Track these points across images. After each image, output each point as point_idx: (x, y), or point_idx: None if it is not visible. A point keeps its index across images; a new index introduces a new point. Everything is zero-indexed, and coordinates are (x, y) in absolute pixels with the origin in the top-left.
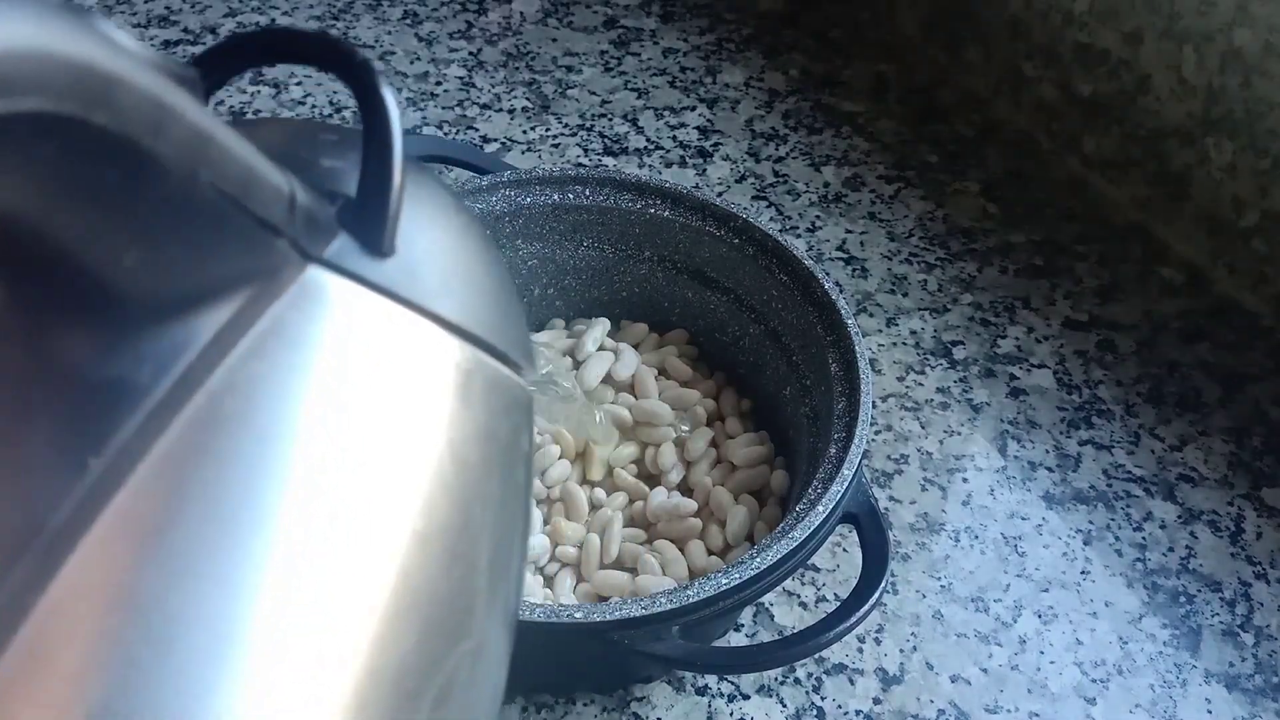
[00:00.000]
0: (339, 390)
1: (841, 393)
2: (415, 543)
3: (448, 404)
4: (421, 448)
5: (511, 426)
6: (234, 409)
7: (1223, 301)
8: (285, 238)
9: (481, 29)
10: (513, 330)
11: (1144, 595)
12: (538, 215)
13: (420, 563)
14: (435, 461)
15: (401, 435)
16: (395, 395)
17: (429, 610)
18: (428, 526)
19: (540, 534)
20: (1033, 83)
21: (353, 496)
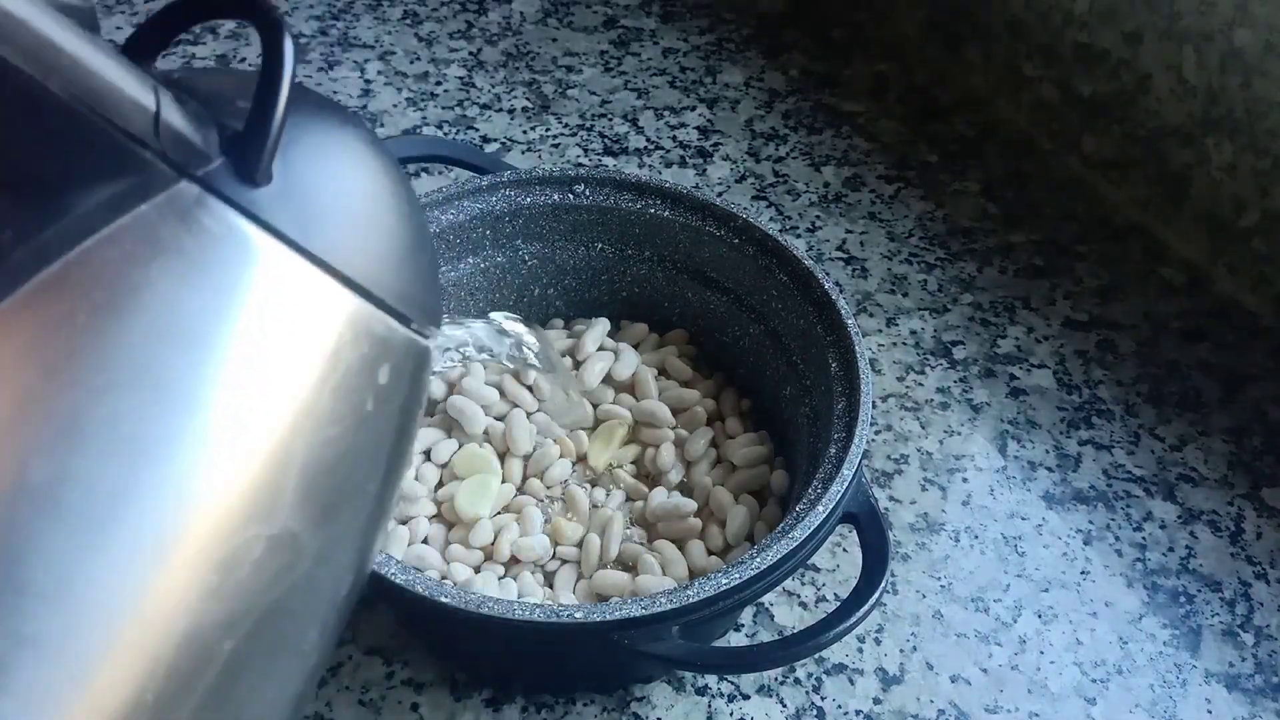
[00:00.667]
0: (184, 290)
1: (841, 393)
2: (220, 437)
3: (294, 329)
4: (253, 359)
5: (365, 365)
6: (83, 279)
7: (1223, 301)
8: (151, 150)
9: (481, 29)
10: (407, 284)
11: (1144, 595)
12: (538, 215)
13: (221, 455)
14: (263, 376)
15: (233, 342)
16: (239, 308)
17: (226, 500)
18: (223, 429)
19: (541, 533)
20: (1033, 83)
21: (174, 381)
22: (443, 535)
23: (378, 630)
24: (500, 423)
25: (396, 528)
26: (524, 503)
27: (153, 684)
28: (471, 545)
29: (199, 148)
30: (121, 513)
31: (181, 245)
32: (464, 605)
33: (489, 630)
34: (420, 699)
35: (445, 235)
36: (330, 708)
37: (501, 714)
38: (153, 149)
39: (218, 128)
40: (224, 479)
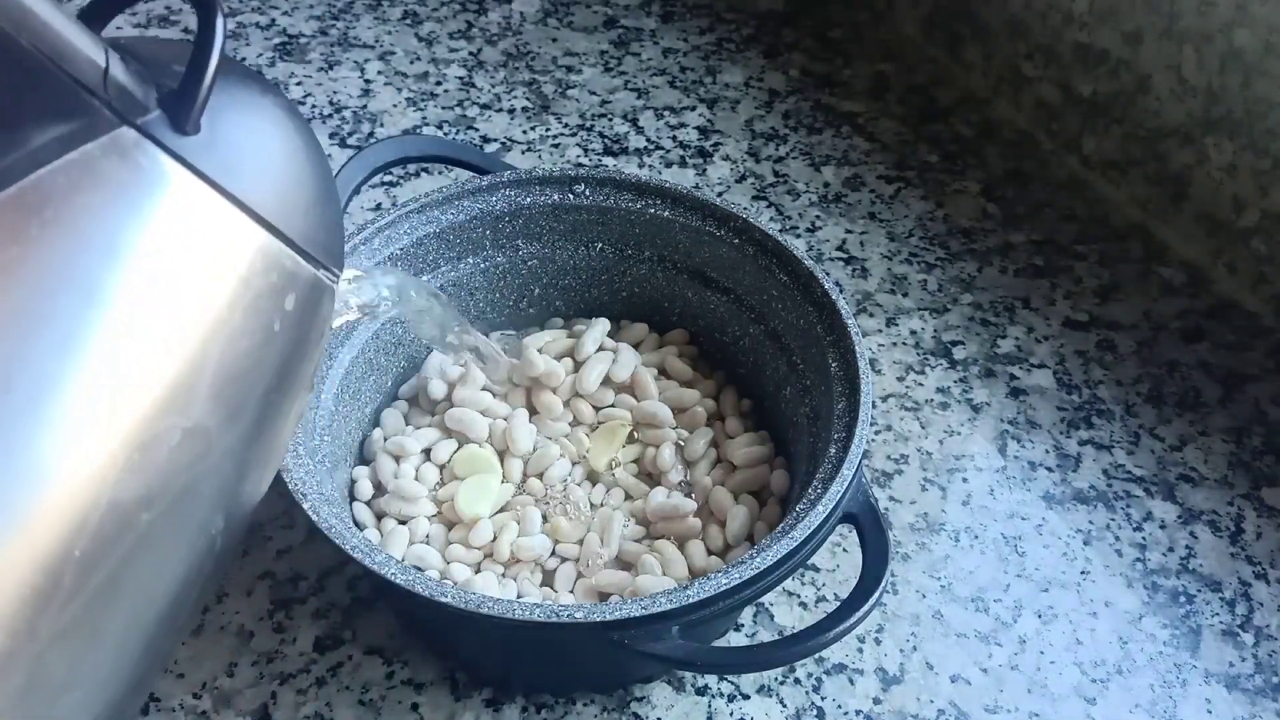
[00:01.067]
0: (121, 215)
1: (841, 393)
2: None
3: (212, 255)
4: (177, 276)
5: (273, 291)
6: (36, 201)
7: (1223, 301)
8: (99, 99)
9: (481, 29)
10: (313, 228)
11: (1144, 595)
12: (538, 215)
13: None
14: (184, 290)
15: (160, 260)
16: (166, 234)
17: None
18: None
19: (540, 533)
20: (1033, 83)
21: (107, 287)
22: (443, 535)
23: (378, 630)
24: (502, 422)
25: (396, 527)
26: (524, 502)
27: (79, 542)
28: (471, 545)
29: (139, 100)
30: (57, 393)
31: (120, 179)
32: (464, 605)
33: (489, 630)
34: (420, 699)
35: (445, 235)
36: (330, 708)
37: (501, 714)
38: (100, 98)
39: (156, 86)
40: (146, 373)
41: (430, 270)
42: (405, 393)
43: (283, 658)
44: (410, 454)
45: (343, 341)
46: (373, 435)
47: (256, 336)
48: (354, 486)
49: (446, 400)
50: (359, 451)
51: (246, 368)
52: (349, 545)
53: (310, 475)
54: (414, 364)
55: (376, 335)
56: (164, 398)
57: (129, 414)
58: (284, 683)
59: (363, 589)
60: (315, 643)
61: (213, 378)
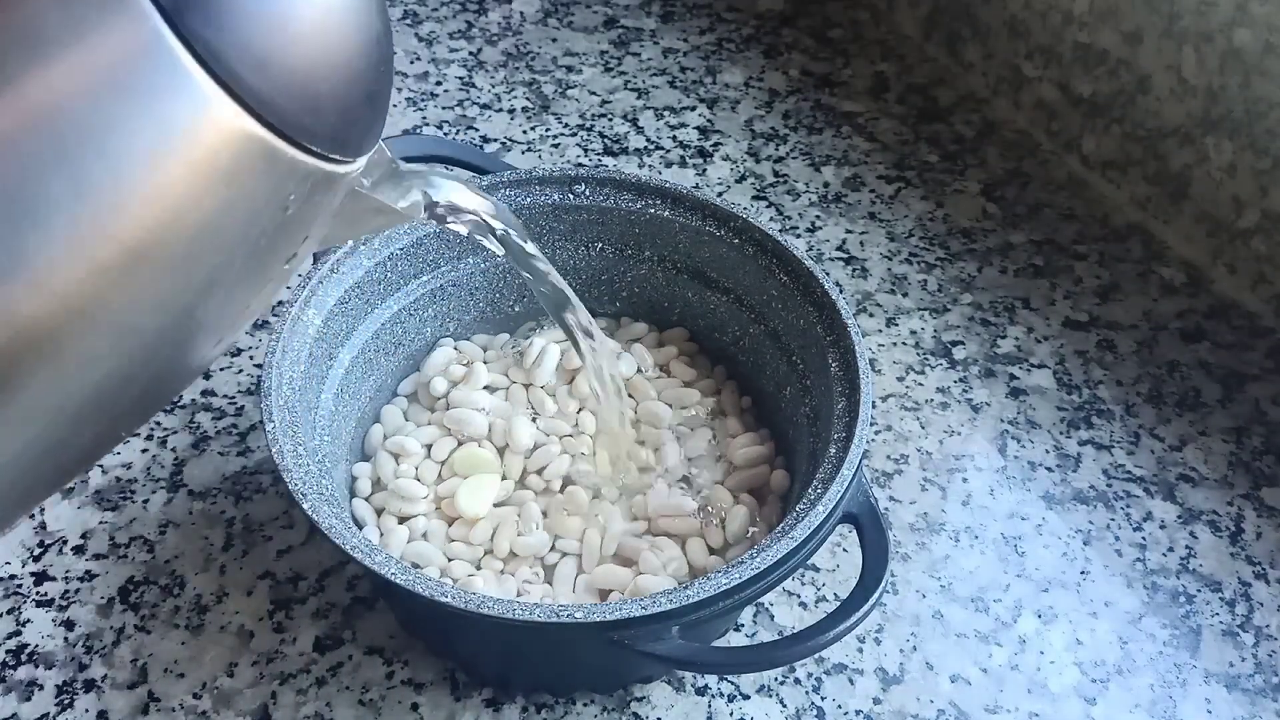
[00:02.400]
0: (81, 61)
1: (841, 393)
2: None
3: (163, 119)
4: (119, 135)
5: (240, 170)
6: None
7: (1223, 301)
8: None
9: (481, 29)
10: (312, 109)
11: (1144, 595)
12: (538, 215)
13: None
14: (128, 155)
15: (104, 112)
16: (124, 90)
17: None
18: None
19: (540, 530)
20: (1032, 83)
21: (95, 125)
22: (442, 532)
23: (378, 630)
24: (501, 421)
25: (396, 525)
26: (524, 499)
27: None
28: (471, 542)
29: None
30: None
31: (90, 21)
32: (464, 605)
33: (489, 630)
34: (420, 699)
35: (445, 235)
36: (330, 708)
37: (501, 714)
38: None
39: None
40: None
41: (430, 270)
42: (405, 389)
43: (283, 658)
44: (410, 452)
45: (343, 341)
46: (372, 431)
47: (215, 207)
48: (354, 483)
49: (446, 397)
50: (359, 447)
51: (200, 233)
52: (349, 545)
53: (310, 475)
54: (414, 363)
55: (377, 335)
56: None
57: (118, 217)
58: (284, 683)
59: (363, 589)
60: (315, 643)
61: (161, 231)
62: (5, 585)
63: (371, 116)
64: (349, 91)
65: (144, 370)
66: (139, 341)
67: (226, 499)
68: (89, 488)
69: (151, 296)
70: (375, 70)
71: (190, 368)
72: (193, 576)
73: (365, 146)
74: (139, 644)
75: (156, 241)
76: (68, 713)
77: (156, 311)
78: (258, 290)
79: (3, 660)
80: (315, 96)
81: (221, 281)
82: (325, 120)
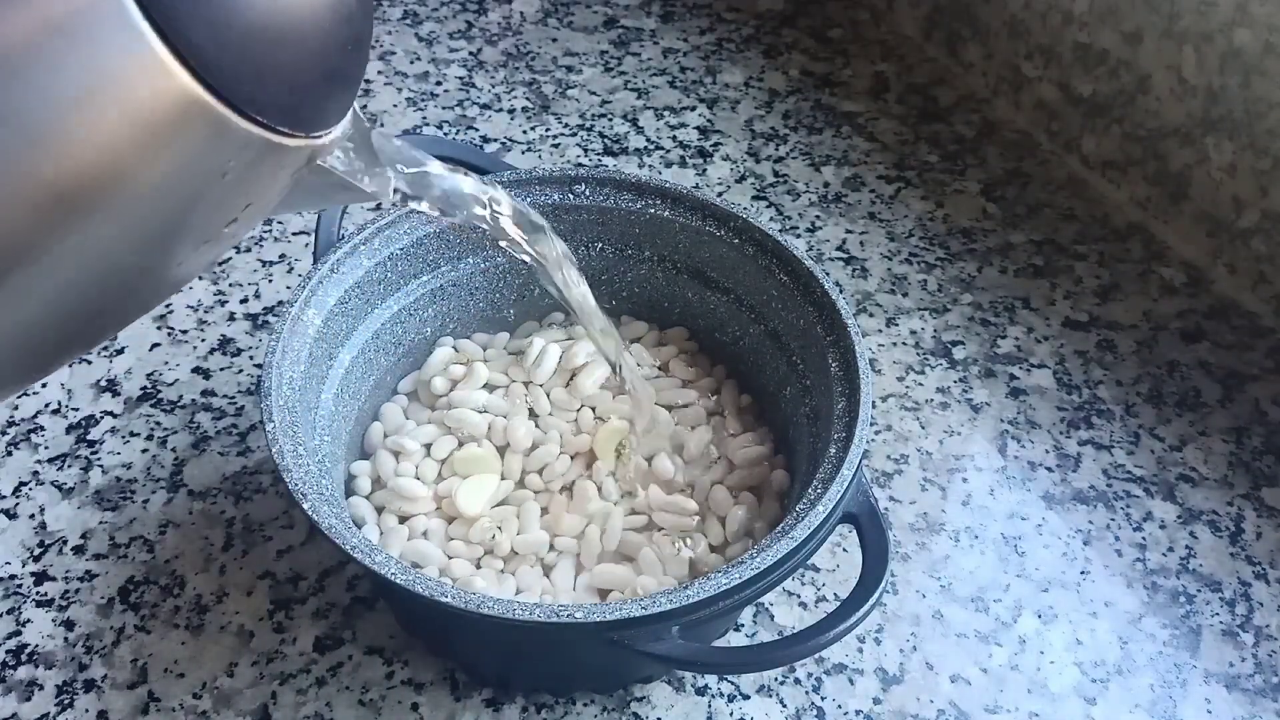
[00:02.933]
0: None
1: (841, 393)
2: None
3: (104, 67)
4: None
5: (167, 125)
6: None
7: (1223, 301)
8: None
9: (481, 29)
10: (262, 81)
11: (1144, 595)
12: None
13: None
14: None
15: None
16: (66, 32)
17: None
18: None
19: (540, 528)
20: (1033, 83)
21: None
22: (442, 531)
23: (378, 630)
24: (501, 420)
25: (395, 524)
26: (523, 497)
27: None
28: (471, 541)
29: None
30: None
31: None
32: (464, 605)
33: (489, 629)
34: (420, 699)
35: (445, 235)
36: (330, 708)
37: (501, 714)
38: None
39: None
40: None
41: (430, 270)
42: (405, 388)
43: (283, 658)
44: (410, 451)
45: (343, 341)
46: (372, 429)
47: (146, 161)
48: (353, 482)
49: (446, 396)
50: (359, 446)
51: (130, 184)
52: (349, 545)
53: (310, 475)
54: (415, 363)
55: (377, 335)
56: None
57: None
58: (284, 683)
59: (363, 589)
60: (315, 643)
61: (88, 181)
62: (5, 585)
63: (330, 93)
64: (305, 66)
65: (70, 314)
66: (64, 282)
67: (226, 499)
68: (89, 488)
69: (78, 242)
70: (338, 48)
71: (122, 316)
72: (193, 576)
73: (321, 123)
74: (139, 644)
75: (84, 187)
76: (68, 713)
77: (85, 256)
78: (193, 249)
79: (3, 660)
80: (265, 67)
81: (152, 236)
82: (274, 92)
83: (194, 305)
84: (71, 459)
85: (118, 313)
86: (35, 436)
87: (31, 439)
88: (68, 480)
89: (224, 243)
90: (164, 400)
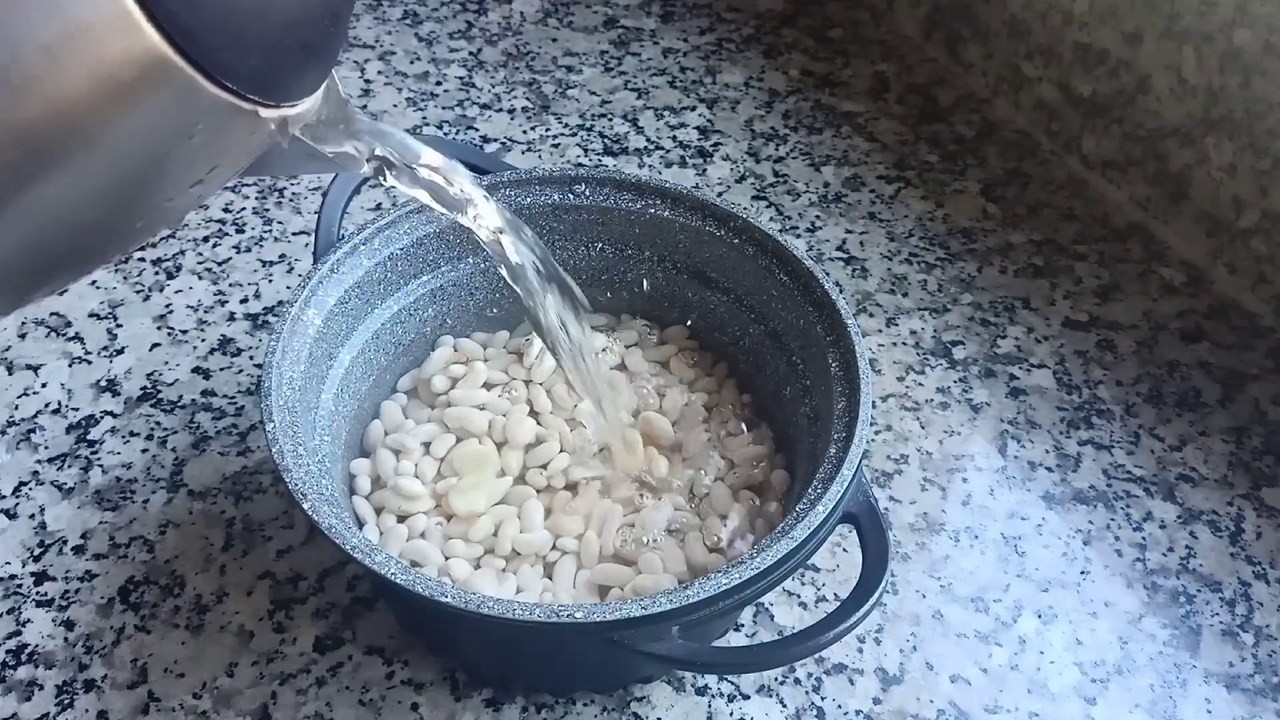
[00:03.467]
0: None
1: (841, 393)
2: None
3: (78, 22)
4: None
5: (136, 83)
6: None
7: (1223, 301)
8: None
9: (481, 29)
10: (234, 48)
11: (1144, 595)
12: (538, 215)
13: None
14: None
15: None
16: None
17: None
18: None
19: (540, 527)
20: (1032, 83)
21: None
22: (442, 530)
23: (378, 630)
24: (501, 418)
25: (395, 523)
26: (523, 495)
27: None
28: (471, 540)
29: None
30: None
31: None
32: (464, 605)
33: (489, 630)
34: (420, 699)
35: (445, 235)
36: (330, 708)
37: (501, 714)
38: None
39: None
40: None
41: (430, 270)
42: (405, 386)
43: (283, 658)
44: (410, 450)
45: (343, 341)
46: (372, 427)
47: (114, 116)
48: (352, 481)
49: (446, 395)
50: (358, 445)
51: (96, 135)
52: (349, 545)
53: (310, 475)
54: (415, 362)
55: (377, 335)
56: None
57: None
58: (284, 683)
59: (363, 589)
60: (315, 643)
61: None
62: (5, 585)
63: (303, 66)
64: (279, 37)
65: (36, 250)
66: (28, 222)
67: (226, 499)
68: (89, 488)
69: (41, 186)
70: (314, 22)
71: (87, 261)
72: (193, 576)
73: (292, 94)
74: (139, 644)
75: (48, 133)
76: (68, 713)
77: (44, 203)
78: (156, 205)
79: (3, 660)
80: (238, 35)
81: (112, 189)
82: (246, 60)
83: (194, 305)
84: (71, 459)
85: (80, 258)
86: (35, 436)
87: (31, 439)
88: (68, 480)
89: (191, 202)
90: (164, 400)
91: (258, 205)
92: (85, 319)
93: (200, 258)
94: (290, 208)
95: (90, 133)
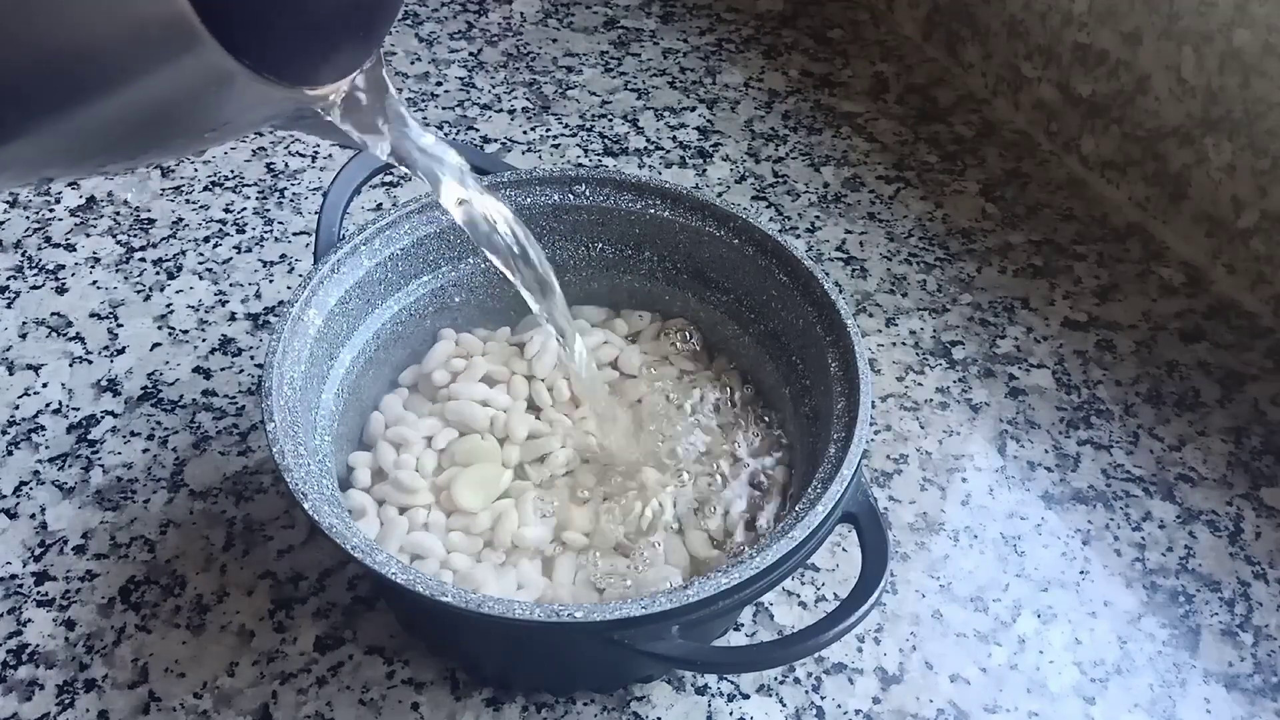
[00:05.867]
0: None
1: (841, 393)
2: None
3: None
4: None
5: (161, 39)
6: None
7: (1222, 301)
8: None
9: (482, 29)
10: (260, 29)
11: (1143, 595)
12: (538, 215)
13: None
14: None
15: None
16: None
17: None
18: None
19: (540, 522)
20: (1032, 83)
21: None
22: (442, 523)
23: (378, 630)
24: (502, 413)
25: (395, 516)
26: (523, 489)
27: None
28: (471, 533)
29: None
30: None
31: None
32: (464, 605)
33: (489, 629)
34: (420, 699)
35: (445, 235)
36: (330, 707)
37: (501, 714)
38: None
39: None
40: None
41: (431, 270)
42: (405, 380)
43: (283, 657)
44: (411, 443)
45: (344, 341)
46: (372, 419)
47: (139, 65)
48: (352, 474)
49: (447, 389)
50: (358, 440)
51: (117, 77)
52: (350, 545)
53: (310, 475)
54: (415, 356)
55: (377, 335)
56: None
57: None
58: (284, 682)
59: (363, 589)
60: (316, 642)
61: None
62: (6, 585)
63: (328, 57)
64: (307, 27)
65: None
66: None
67: (227, 499)
68: (90, 487)
69: (61, 107)
70: (342, 23)
71: (144, 158)
72: (193, 576)
73: (314, 81)
74: (140, 644)
75: (70, 63)
76: (68, 713)
77: (64, 123)
78: (168, 147)
79: (3, 660)
80: (266, 17)
81: (122, 125)
82: (270, 43)
83: (194, 305)
84: (72, 459)
85: (129, 155)
86: (36, 436)
87: (32, 439)
88: (68, 480)
89: (204, 143)
90: (165, 400)
91: (258, 205)
92: (86, 319)
93: (201, 258)
94: (291, 208)
95: (108, 75)
